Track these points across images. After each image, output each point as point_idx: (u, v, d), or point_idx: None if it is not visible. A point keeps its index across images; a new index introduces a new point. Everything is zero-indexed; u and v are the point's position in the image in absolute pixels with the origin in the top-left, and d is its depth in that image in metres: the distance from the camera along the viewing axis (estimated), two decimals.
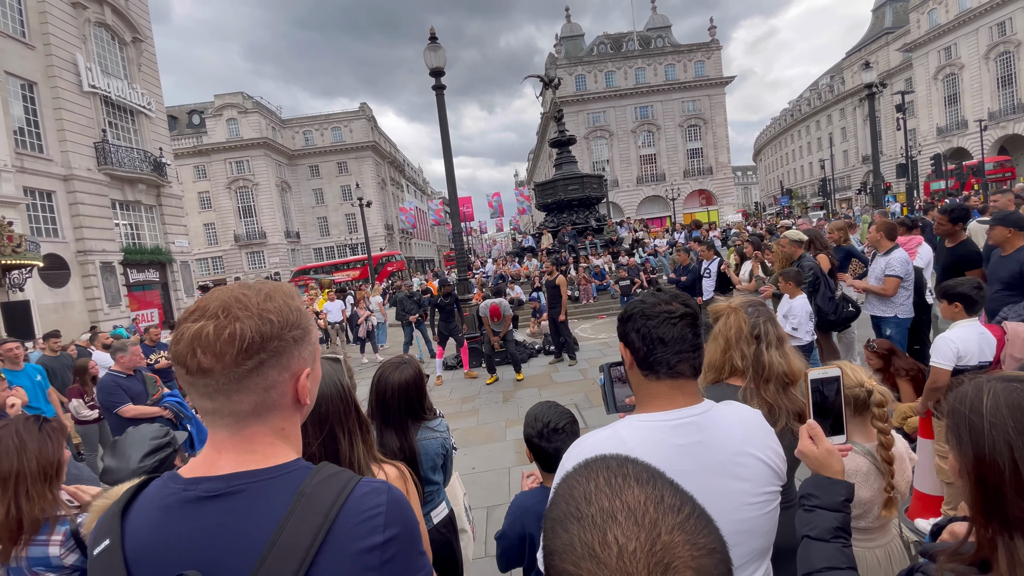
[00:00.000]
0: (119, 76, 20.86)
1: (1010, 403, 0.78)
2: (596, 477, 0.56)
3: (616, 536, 0.49)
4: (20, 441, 1.58)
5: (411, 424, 2.04)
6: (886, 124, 49.11)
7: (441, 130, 10.57)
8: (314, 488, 0.75)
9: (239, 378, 0.75)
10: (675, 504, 0.53)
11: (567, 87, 49.86)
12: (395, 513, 0.77)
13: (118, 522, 0.75)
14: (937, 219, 4.45)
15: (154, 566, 0.71)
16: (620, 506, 0.52)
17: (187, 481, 0.76)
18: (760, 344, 1.72)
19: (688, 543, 0.49)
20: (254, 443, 0.79)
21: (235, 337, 0.73)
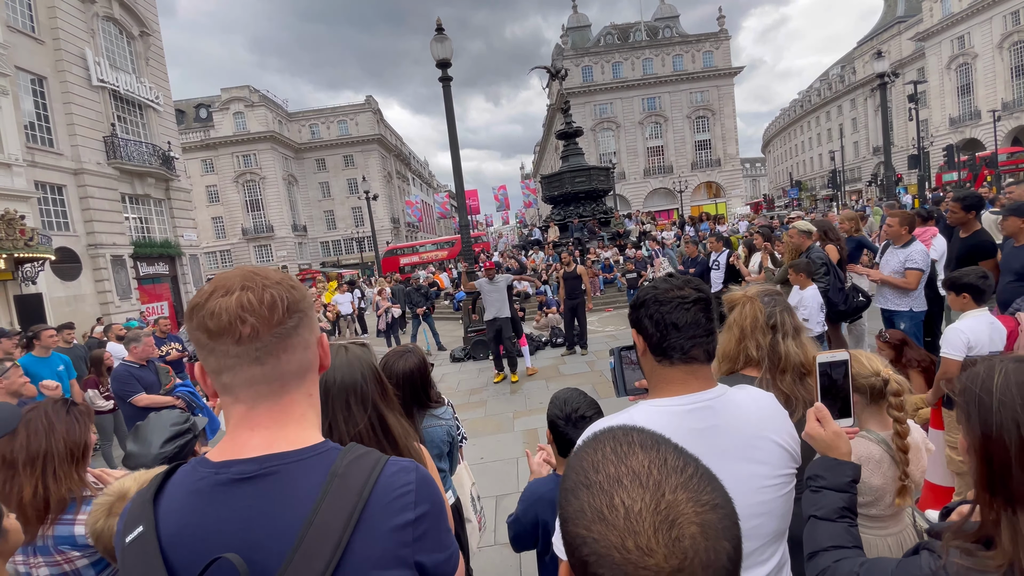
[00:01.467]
0: (127, 70, 20.95)
1: (1020, 381, 0.79)
2: (603, 447, 0.59)
3: (623, 499, 0.52)
4: (49, 423, 1.62)
5: (416, 411, 2.07)
6: (898, 115, 48.43)
7: (448, 123, 10.55)
8: (346, 468, 0.76)
9: (285, 336, 0.78)
10: (678, 465, 0.55)
11: (574, 78, 49.50)
12: (425, 490, 0.79)
13: (150, 508, 0.75)
14: (950, 207, 4.39)
15: (190, 551, 0.71)
16: (625, 471, 0.54)
17: (217, 465, 0.76)
18: (776, 334, 1.70)
19: (691, 500, 0.52)
20: (288, 415, 0.80)
21: (276, 300, 0.78)
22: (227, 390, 0.79)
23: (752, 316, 1.72)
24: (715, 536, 0.51)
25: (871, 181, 45.40)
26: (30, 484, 1.57)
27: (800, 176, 70.94)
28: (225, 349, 0.76)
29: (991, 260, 3.99)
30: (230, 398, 0.80)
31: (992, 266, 3.93)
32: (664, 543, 0.49)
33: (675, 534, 0.50)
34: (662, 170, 53.22)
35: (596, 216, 19.77)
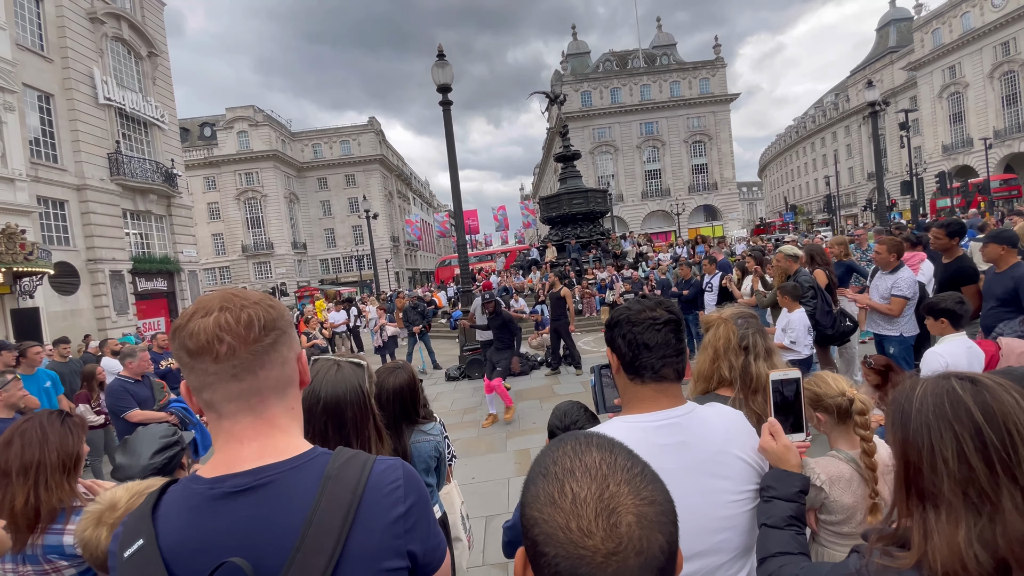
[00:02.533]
0: (134, 89, 21.32)
1: (935, 392, 0.88)
2: (565, 445, 0.65)
3: (572, 487, 0.59)
4: (43, 433, 1.66)
5: (405, 427, 2.11)
6: (891, 142, 49.23)
7: (448, 145, 10.75)
8: (339, 470, 0.81)
9: (262, 353, 0.82)
10: (626, 465, 0.62)
11: (573, 103, 50.41)
12: (412, 483, 0.86)
13: (150, 522, 0.78)
14: (934, 233, 4.48)
15: (192, 562, 0.74)
16: (579, 465, 0.61)
17: (211, 480, 0.79)
18: (748, 355, 1.76)
19: (632, 493, 0.59)
20: (273, 427, 0.85)
21: (252, 319, 0.82)
22: (210, 406, 0.84)
23: (725, 337, 1.78)
24: (649, 527, 0.57)
25: (866, 206, 45.96)
26: (22, 493, 1.60)
27: (796, 200, 71.71)
28: (204, 367, 0.80)
29: (973, 285, 4.06)
30: (214, 414, 0.84)
31: (974, 291, 4.01)
32: (603, 527, 0.56)
33: (613, 520, 0.56)
34: (659, 193, 53.81)
35: (593, 237, 19.95)
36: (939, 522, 0.84)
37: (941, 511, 0.84)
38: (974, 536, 0.80)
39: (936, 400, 0.87)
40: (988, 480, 0.80)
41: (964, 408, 0.84)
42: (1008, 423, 0.81)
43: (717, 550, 1.16)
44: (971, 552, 0.79)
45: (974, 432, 0.82)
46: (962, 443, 0.82)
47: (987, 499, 0.81)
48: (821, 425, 1.84)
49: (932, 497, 0.85)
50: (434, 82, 10.40)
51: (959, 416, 0.84)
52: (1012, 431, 0.80)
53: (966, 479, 0.82)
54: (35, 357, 5.52)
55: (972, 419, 0.82)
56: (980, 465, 0.81)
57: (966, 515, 0.82)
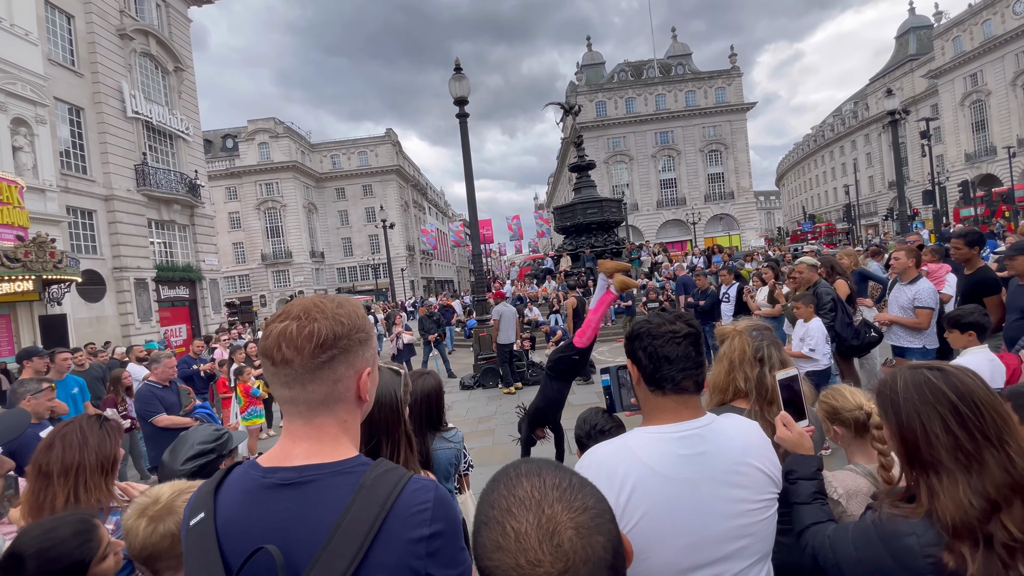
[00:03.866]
0: (160, 103, 21.97)
1: (914, 382, 1.11)
2: (497, 486, 0.68)
3: (512, 526, 0.62)
4: (83, 436, 1.75)
5: (428, 432, 2.14)
6: (912, 150, 48.47)
7: (464, 157, 10.90)
8: (373, 481, 0.85)
9: (314, 369, 0.87)
10: (555, 483, 0.66)
11: (587, 113, 50.57)
12: (441, 510, 0.86)
13: (211, 499, 0.88)
14: (953, 244, 4.41)
15: (238, 540, 0.82)
16: (514, 500, 0.64)
17: (265, 469, 0.88)
18: (763, 367, 1.77)
19: (566, 509, 0.62)
20: (322, 433, 0.90)
21: (313, 335, 0.86)
22: (279, 401, 0.93)
23: (740, 349, 1.79)
24: (588, 533, 0.61)
25: (887, 215, 45.17)
26: (63, 493, 1.68)
27: (814, 210, 70.77)
28: (267, 368, 0.90)
29: (995, 296, 3.99)
30: (283, 408, 0.93)
31: (996, 302, 3.94)
32: (549, 552, 0.59)
33: (556, 541, 0.60)
34: (675, 202, 53.53)
35: (608, 247, 19.93)
36: (942, 484, 1.06)
37: (942, 475, 1.06)
38: (969, 489, 1.02)
39: (917, 388, 1.10)
40: (971, 444, 1.04)
41: (940, 392, 1.07)
42: (974, 398, 1.05)
43: (736, 556, 1.18)
44: (970, 501, 1.01)
45: (952, 409, 1.06)
46: (946, 419, 1.06)
47: (973, 459, 1.04)
48: (838, 439, 1.84)
49: (932, 465, 1.08)
50: (451, 95, 10.57)
51: (939, 399, 1.07)
52: (978, 403, 1.05)
53: (955, 446, 1.05)
54: (63, 363, 5.64)
55: (948, 399, 1.06)
56: (963, 434, 1.04)
57: (960, 474, 1.04)
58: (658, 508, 1.14)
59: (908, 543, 1.08)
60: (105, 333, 16.90)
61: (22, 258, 12.48)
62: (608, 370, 1.67)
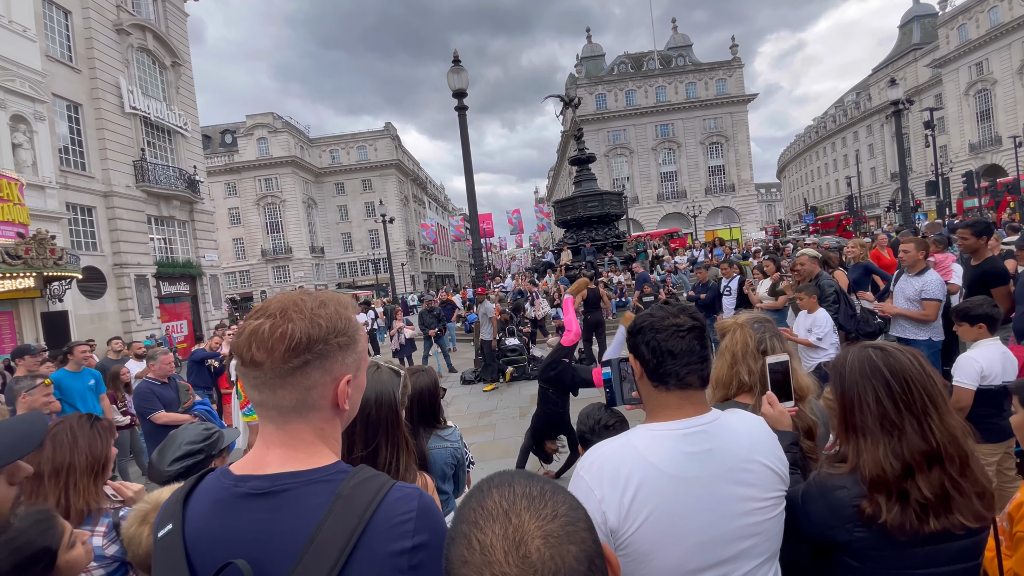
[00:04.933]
0: (158, 98, 21.88)
1: (859, 359, 1.32)
2: (470, 500, 0.65)
3: (478, 538, 0.58)
4: (73, 437, 1.71)
5: (423, 431, 2.10)
6: (915, 141, 48.14)
7: (463, 151, 10.82)
8: (351, 490, 0.79)
9: (284, 374, 0.80)
10: (524, 491, 0.62)
11: (587, 106, 50.30)
12: (425, 520, 0.80)
13: (180, 509, 0.83)
14: (960, 234, 4.35)
15: (208, 553, 0.77)
16: (481, 512, 0.61)
17: (237, 478, 0.82)
18: (766, 359, 1.74)
19: (534, 517, 0.58)
20: (296, 440, 0.84)
21: (285, 336, 0.79)
22: (252, 403, 0.87)
23: (743, 342, 1.76)
24: (557, 543, 0.57)
25: (889, 207, 44.93)
26: (53, 495, 1.64)
27: (816, 202, 70.47)
28: (239, 367, 0.85)
29: (1004, 287, 3.94)
30: (256, 411, 0.88)
31: (1005, 293, 3.88)
32: (515, 563, 0.55)
33: (523, 552, 0.56)
34: (675, 195, 53.34)
35: (608, 240, 19.86)
36: (866, 445, 1.27)
37: (868, 438, 1.27)
38: (889, 452, 1.24)
39: (860, 364, 1.31)
40: (895, 415, 1.24)
41: (877, 368, 1.28)
42: (906, 376, 1.25)
43: (744, 556, 1.15)
44: (888, 462, 1.23)
45: (884, 384, 1.26)
46: (877, 391, 1.26)
47: (896, 427, 1.24)
48: None
49: (861, 429, 1.30)
50: (450, 88, 10.48)
51: (875, 374, 1.28)
52: (908, 381, 1.25)
53: (882, 415, 1.25)
54: (81, 356, 5.67)
55: (883, 375, 1.26)
56: (890, 405, 1.25)
57: (883, 438, 1.25)
58: (664, 508, 1.10)
59: (840, 495, 1.28)
60: (107, 330, 16.90)
61: (23, 255, 12.47)
62: (609, 363, 1.62)
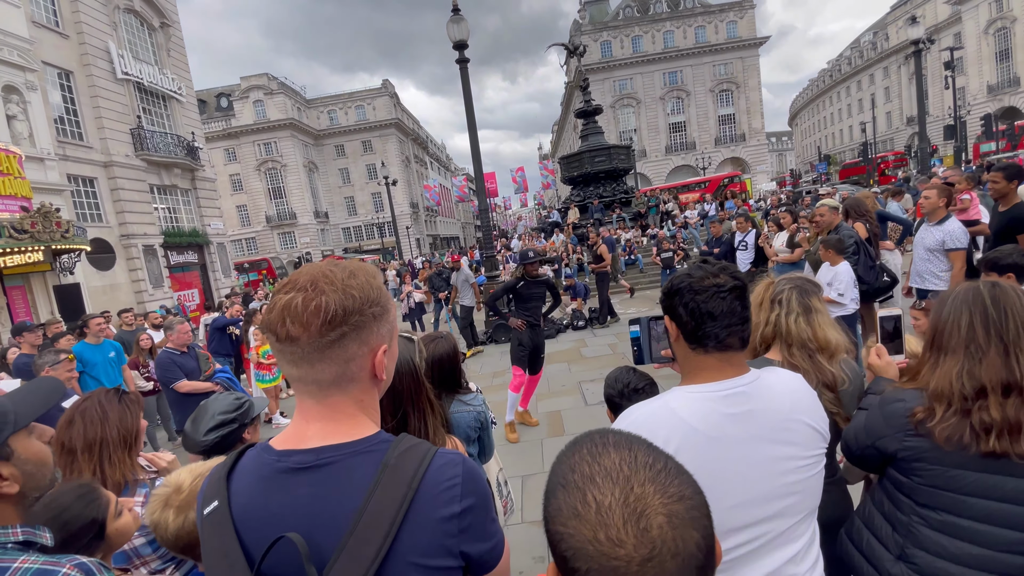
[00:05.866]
0: (150, 62, 21.26)
1: (968, 287, 1.34)
2: (580, 449, 0.62)
3: (594, 495, 0.56)
4: (103, 411, 1.73)
5: (445, 396, 2.11)
6: (933, 83, 46.21)
7: (466, 105, 10.49)
8: (397, 459, 0.79)
9: (322, 348, 0.79)
10: (648, 461, 0.59)
11: (592, 54, 48.40)
12: (470, 484, 0.81)
13: (224, 485, 0.82)
14: (991, 177, 4.20)
15: (257, 529, 0.77)
16: (598, 469, 0.58)
17: (279, 453, 0.82)
18: (780, 309, 1.71)
19: (659, 492, 0.55)
20: (337, 412, 0.83)
21: (320, 309, 0.78)
22: (288, 379, 0.85)
23: (758, 295, 1.75)
24: (682, 525, 0.54)
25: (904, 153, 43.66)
26: (88, 469, 1.67)
27: (829, 149, 68.59)
28: (273, 344, 0.82)
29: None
30: (293, 386, 0.86)
31: None
32: (633, 534, 0.53)
33: (643, 524, 0.53)
34: (684, 147, 52.03)
35: (617, 196, 19.51)
36: (944, 363, 1.31)
37: (948, 356, 1.31)
38: (964, 372, 1.26)
39: (964, 294, 1.33)
40: (984, 339, 1.26)
41: (980, 297, 1.29)
42: (1007, 307, 1.26)
43: (784, 514, 1.15)
44: (958, 382, 1.26)
45: (983, 311, 1.28)
46: (973, 317, 1.28)
47: (980, 350, 1.26)
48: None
49: (944, 349, 1.32)
50: (449, 39, 10.05)
51: (976, 301, 1.30)
52: (1008, 312, 1.26)
53: (970, 338, 1.28)
54: (97, 328, 5.74)
55: (983, 303, 1.28)
56: (980, 330, 1.27)
57: (964, 359, 1.27)
58: (704, 470, 1.07)
59: (896, 408, 1.37)
60: (119, 300, 17.10)
61: (29, 229, 12.48)
62: (639, 320, 1.59)
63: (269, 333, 0.81)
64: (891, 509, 1.44)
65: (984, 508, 1.26)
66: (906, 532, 1.38)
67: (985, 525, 1.26)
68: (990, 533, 1.25)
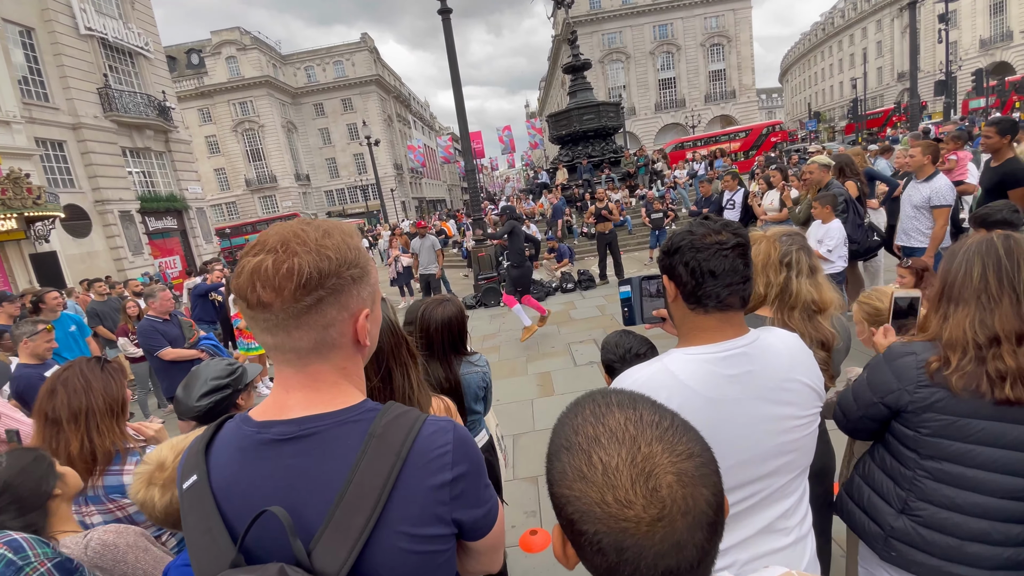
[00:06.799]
0: (113, 16, 20.04)
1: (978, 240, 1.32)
2: (583, 410, 0.61)
3: (600, 456, 0.55)
4: (86, 380, 1.68)
5: (454, 358, 2.12)
6: (925, 37, 45.44)
7: (449, 60, 10.09)
8: (384, 428, 0.76)
9: (298, 314, 0.74)
10: (654, 420, 0.57)
11: (580, 6, 46.70)
12: (461, 451, 0.79)
13: (203, 459, 0.78)
14: (984, 131, 4.17)
15: (239, 502, 0.74)
16: (603, 430, 0.57)
17: (259, 424, 0.78)
18: (790, 271, 1.68)
19: (667, 451, 0.54)
20: (318, 381, 0.79)
21: (293, 272, 0.72)
22: (264, 348, 0.80)
23: (765, 253, 1.69)
24: (691, 483, 0.53)
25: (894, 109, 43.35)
26: (76, 439, 1.63)
27: (819, 107, 67.90)
28: (244, 311, 0.76)
29: (1022, 189, 3.83)
30: (270, 355, 0.80)
31: (1022, 195, 3.79)
32: (642, 494, 0.52)
33: (652, 484, 0.52)
34: (674, 104, 51.15)
35: (606, 156, 19.19)
36: (955, 313, 1.30)
37: (960, 307, 1.30)
38: (976, 321, 1.26)
39: (977, 244, 1.31)
40: (997, 289, 1.25)
41: (994, 248, 1.28)
42: (1020, 258, 1.25)
43: (781, 471, 1.16)
44: (972, 330, 1.26)
45: (996, 261, 1.26)
46: (985, 267, 1.27)
47: (994, 301, 1.25)
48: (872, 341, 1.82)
49: (956, 300, 1.31)
50: None
51: (989, 251, 1.28)
52: (1021, 263, 1.24)
53: (982, 289, 1.27)
54: (53, 303, 5.48)
55: (996, 254, 1.27)
56: (993, 280, 1.26)
57: (975, 309, 1.27)
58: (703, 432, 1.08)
59: (907, 360, 1.36)
60: (98, 268, 16.73)
61: None
62: (630, 280, 1.54)
63: (239, 299, 0.75)
64: (893, 464, 1.45)
65: (990, 456, 1.27)
66: (910, 486, 1.40)
67: (991, 473, 1.28)
68: (994, 481, 1.28)
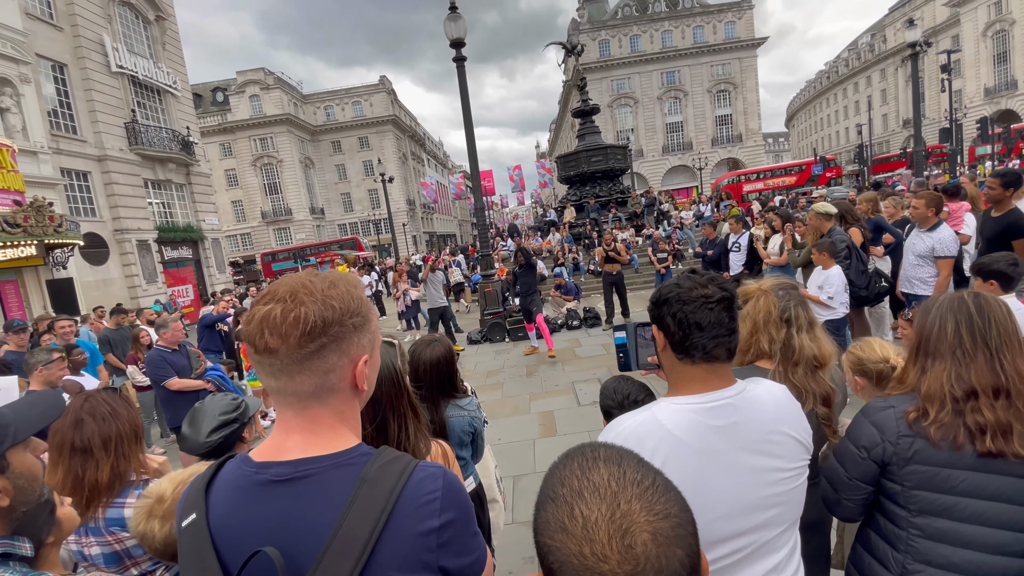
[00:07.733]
0: (145, 55, 21.11)
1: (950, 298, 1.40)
2: (571, 463, 0.63)
3: (582, 510, 0.57)
4: (111, 408, 1.71)
5: (441, 400, 2.12)
6: (929, 85, 46.38)
7: (463, 104, 10.46)
8: (375, 473, 0.79)
9: (301, 360, 0.78)
10: (636, 478, 0.59)
11: (590, 53, 48.38)
12: (451, 498, 0.81)
13: (203, 497, 0.82)
14: (988, 183, 4.23)
15: (234, 542, 0.77)
16: (587, 484, 0.59)
17: (258, 465, 0.81)
18: (791, 328, 1.70)
19: (645, 510, 0.56)
20: (317, 424, 0.83)
21: (299, 320, 0.77)
22: (268, 391, 0.84)
23: (765, 310, 1.71)
24: (666, 543, 0.55)
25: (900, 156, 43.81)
26: (107, 466, 1.65)
27: (825, 151, 68.77)
28: (252, 355, 0.82)
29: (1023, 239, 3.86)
30: (272, 398, 0.85)
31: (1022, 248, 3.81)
32: (617, 550, 0.54)
33: (628, 541, 0.54)
34: (681, 147, 52.09)
35: (613, 196, 19.51)
36: (933, 368, 1.36)
37: (936, 361, 1.36)
38: (953, 376, 1.32)
39: (949, 302, 1.39)
40: (971, 344, 1.32)
41: (965, 305, 1.36)
42: (991, 315, 1.33)
43: (768, 525, 1.16)
44: (948, 384, 1.32)
45: (968, 318, 1.34)
46: (959, 323, 1.34)
47: (968, 355, 1.32)
48: (859, 389, 1.84)
49: (932, 354, 1.38)
50: (447, 37, 10.01)
51: (961, 308, 1.36)
52: (991, 319, 1.32)
53: (957, 344, 1.33)
54: (63, 331, 5.60)
55: (968, 311, 1.34)
56: (967, 336, 1.33)
57: (951, 364, 1.33)
58: (689, 482, 1.08)
59: (887, 413, 1.40)
60: (112, 295, 17.00)
61: (22, 223, 12.39)
62: (624, 327, 1.58)
63: (249, 345, 0.80)
64: (887, 527, 1.45)
65: (977, 509, 1.28)
66: (906, 548, 1.39)
67: (980, 527, 1.28)
68: (984, 535, 1.27)
